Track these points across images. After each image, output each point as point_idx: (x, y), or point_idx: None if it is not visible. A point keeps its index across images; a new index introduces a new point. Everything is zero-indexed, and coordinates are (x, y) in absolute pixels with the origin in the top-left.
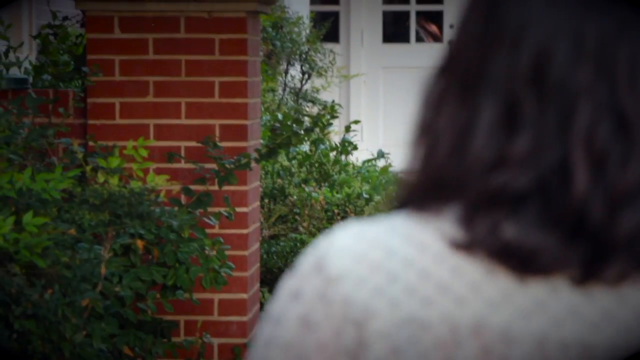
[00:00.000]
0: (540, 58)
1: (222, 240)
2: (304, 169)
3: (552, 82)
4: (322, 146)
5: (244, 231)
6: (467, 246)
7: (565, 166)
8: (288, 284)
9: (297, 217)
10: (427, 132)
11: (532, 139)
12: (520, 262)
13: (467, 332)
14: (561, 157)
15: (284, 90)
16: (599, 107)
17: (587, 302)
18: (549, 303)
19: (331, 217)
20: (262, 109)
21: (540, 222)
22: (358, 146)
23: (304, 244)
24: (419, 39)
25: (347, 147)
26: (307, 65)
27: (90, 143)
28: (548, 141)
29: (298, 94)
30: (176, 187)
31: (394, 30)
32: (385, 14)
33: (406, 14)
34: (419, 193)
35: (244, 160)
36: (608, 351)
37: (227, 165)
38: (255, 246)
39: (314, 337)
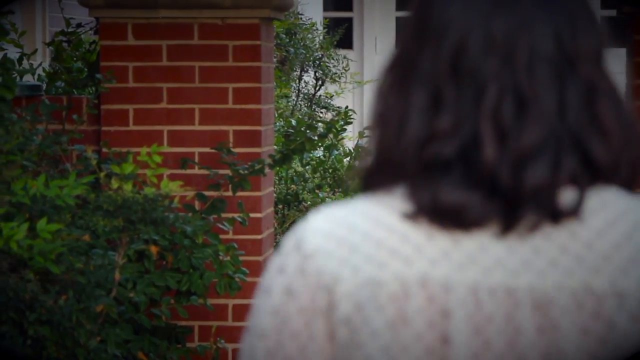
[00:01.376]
0: (457, 52)
1: (236, 245)
2: (317, 174)
3: (467, 71)
4: (335, 152)
5: (258, 237)
6: (412, 216)
7: (478, 137)
8: (275, 260)
9: None
10: (379, 121)
11: (453, 117)
12: (452, 219)
13: (415, 286)
14: (474, 130)
15: (297, 96)
16: (503, 89)
17: (509, 253)
18: (478, 257)
19: None
20: (276, 115)
21: (465, 184)
22: None
23: None
24: None
25: (360, 152)
26: (321, 72)
27: (104, 149)
28: (465, 118)
29: (312, 100)
30: (190, 193)
31: None
32: (399, 20)
33: None
34: (374, 176)
35: (257, 166)
36: (527, 293)
37: (241, 171)
38: (269, 252)
39: (295, 303)
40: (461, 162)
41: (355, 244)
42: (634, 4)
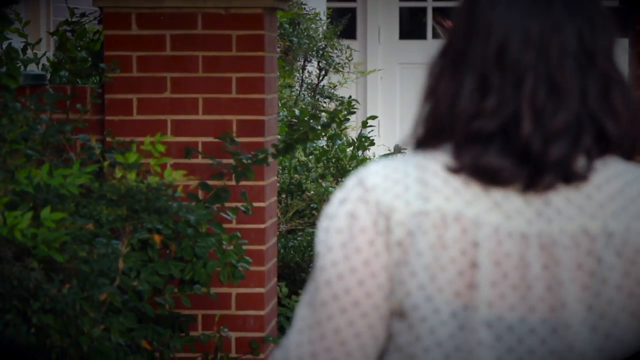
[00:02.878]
0: (501, 46)
1: (239, 235)
2: (321, 164)
3: (509, 62)
4: (339, 142)
5: (261, 226)
6: (455, 169)
7: (517, 116)
8: (337, 195)
9: (314, 212)
10: (431, 96)
11: (497, 99)
12: (489, 177)
13: (452, 219)
14: (515, 111)
15: (301, 86)
16: (538, 78)
17: (526, 205)
18: (502, 205)
19: None
20: (279, 104)
21: (502, 152)
22: (375, 141)
23: None
24: (435, 35)
25: (363, 142)
26: (324, 62)
27: (108, 139)
28: (507, 101)
29: (315, 90)
30: (193, 182)
31: (411, 26)
32: (402, 11)
33: (422, 10)
34: (426, 140)
35: (261, 156)
36: (536, 237)
37: (244, 161)
38: (272, 241)
39: (358, 224)
40: (500, 135)
41: (407, 184)
42: None
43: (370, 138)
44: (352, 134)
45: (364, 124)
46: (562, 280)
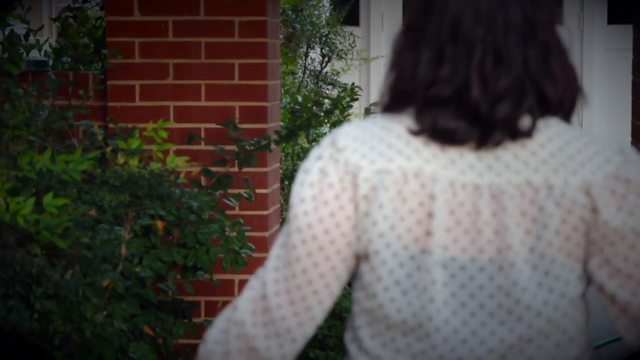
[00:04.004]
0: (455, 23)
1: (242, 221)
2: None
3: (461, 36)
4: None
5: (264, 212)
6: (416, 132)
7: (468, 83)
8: (313, 152)
9: None
10: (395, 66)
11: (450, 68)
12: (445, 137)
13: (412, 175)
14: (465, 78)
15: (304, 72)
16: (486, 49)
17: (478, 160)
18: (457, 161)
19: None
20: (282, 91)
21: (456, 115)
22: None
23: None
24: None
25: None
26: (327, 48)
27: (110, 125)
28: (459, 69)
29: (318, 76)
30: (196, 169)
31: None
32: None
33: None
34: (390, 105)
35: (263, 142)
36: (487, 188)
37: (247, 147)
38: (275, 227)
39: (327, 180)
40: (454, 100)
41: (373, 145)
42: None
43: None
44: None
45: (367, 111)
46: (508, 225)
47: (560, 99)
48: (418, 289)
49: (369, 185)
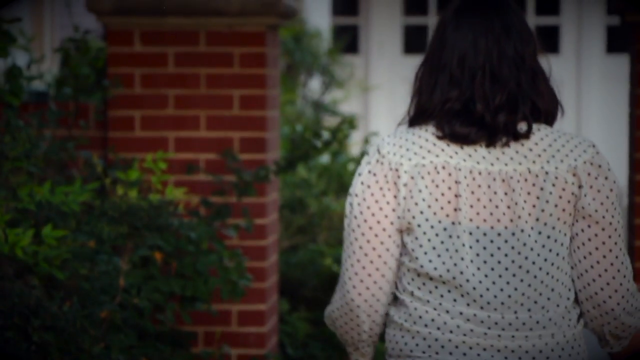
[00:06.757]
0: (462, 57)
1: (240, 252)
2: (322, 180)
3: (467, 65)
4: (341, 157)
5: (263, 243)
6: (440, 136)
7: (473, 99)
8: (365, 158)
9: (315, 228)
10: (417, 91)
11: (459, 90)
12: (461, 140)
13: (440, 167)
14: (471, 96)
15: (303, 101)
16: (486, 73)
17: (489, 154)
18: (473, 155)
19: None
20: (282, 120)
21: (467, 123)
22: None
23: (322, 255)
24: None
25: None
26: (327, 77)
27: (111, 155)
28: (466, 90)
29: (318, 105)
30: (195, 199)
31: (413, 41)
32: (406, 27)
33: (425, 27)
34: (416, 119)
35: (262, 173)
36: (498, 174)
37: (246, 178)
38: (273, 257)
39: (375, 178)
40: (464, 112)
41: (408, 147)
42: (638, 10)
43: None
44: (356, 149)
45: (366, 141)
46: (518, 201)
47: (547, 109)
48: (451, 251)
49: (408, 176)
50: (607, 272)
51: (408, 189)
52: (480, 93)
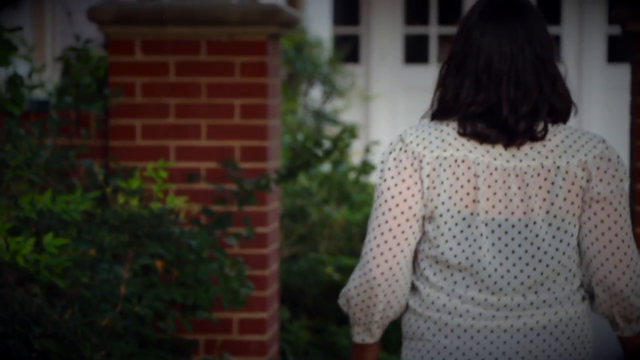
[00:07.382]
0: (487, 61)
1: (241, 260)
2: (323, 189)
3: (493, 70)
4: (342, 166)
5: (264, 251)
6: (461, 133)
7: (499, 103)
8: (389, 146)
9: (316, 237)
10: (441, 85)
11: (486, 94)
12: (482, 139)
13: (460, 160)
14: (497, 100)
15: (304, 110)
16: (511, 79)
17: (507, 152)
18: (490, 151)
19: (350, 237)
20: (283, 129)
21: (489, 125)
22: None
23: (323, 263)
24: (440, 60)
25: (366, 167)
26: (328, 87)
27: (112, 164)
28: (492, 94)
29: (319, 114)
30: (196, 208)
31: (414, 51)
32: (407, 37)
33: (426, 37)
34: (438, 114)
35: (263, 182)
36: (512, 169)
37: (247, 187)
38: (274, 266)
39: (402, 164)
40: (487, 115)
41: (430, 140)
42: (638, 20)
43: (373, 164)
44: (357, 158)
45: (367, 150)
46: (530, 195)
47: (563, 109)
48: (469, 240)
49: (430, 167)
50: (615, 254)
51: (431, 179)
52: (506, 99)
